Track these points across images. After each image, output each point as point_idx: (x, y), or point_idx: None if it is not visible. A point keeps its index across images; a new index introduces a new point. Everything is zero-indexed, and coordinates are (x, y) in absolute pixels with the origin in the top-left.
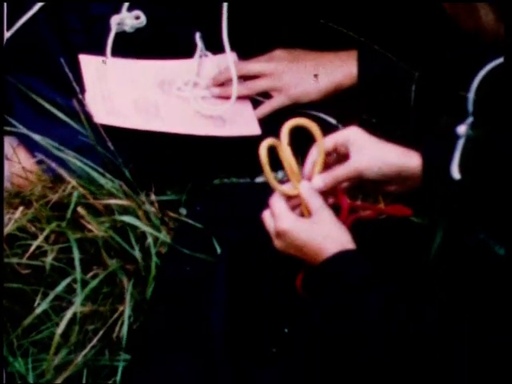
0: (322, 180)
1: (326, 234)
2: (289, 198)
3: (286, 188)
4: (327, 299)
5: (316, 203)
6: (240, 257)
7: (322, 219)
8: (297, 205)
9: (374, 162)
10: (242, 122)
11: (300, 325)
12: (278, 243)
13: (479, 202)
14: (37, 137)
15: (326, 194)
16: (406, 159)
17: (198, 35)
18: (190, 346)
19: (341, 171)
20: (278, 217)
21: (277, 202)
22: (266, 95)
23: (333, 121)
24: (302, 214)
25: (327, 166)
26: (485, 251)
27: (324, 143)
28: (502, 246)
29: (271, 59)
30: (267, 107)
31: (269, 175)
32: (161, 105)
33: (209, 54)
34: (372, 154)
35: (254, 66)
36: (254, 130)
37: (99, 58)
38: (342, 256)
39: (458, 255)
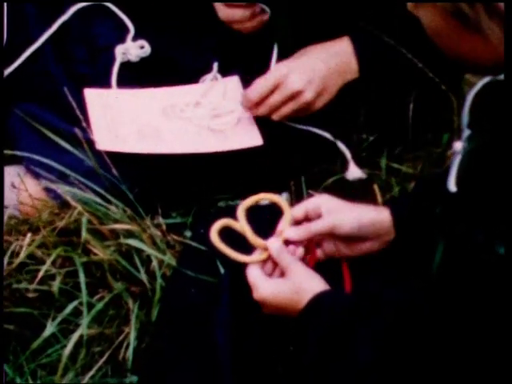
0: (294, 232)
1: (300, 289)
2: (264, 262)
3: (255, 256)
4: (311, 345)
5: (286, 259)
6: (243, 278)
7: (293, 274)
8: (275, 264)
9: (348, 218)
10: (244, 135)
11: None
12: (264, 310)
13: (476, 208)
14: (43, 164)
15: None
16: (377, 213)
17: (215, 64)
18: (196, 367)
19: (314, 225)
20: (253, 287)
21: (250, 272)
22: None
23: (330, 137)
24: (282, 273)
25: None
26: (485, 252)
27: (295, 211)
28: (502, 245)
29: (282, 79)
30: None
31: (233, 254)
32: (163, 129)
33: (219, 77)
34: (345, 212)
35: (262, 84)
36: (256, 141)
37: (104, 91)
38: (315, 302)
39: (460, 263)
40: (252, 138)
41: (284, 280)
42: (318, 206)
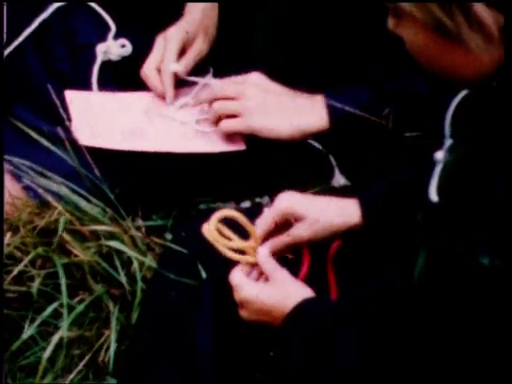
0: (269, 245)
1: (284, 295)
2: (252, 267)
3: (247, 257)
4: (295, 353)
5: (270, 266)
6: (225, 282)
7: (278, 281)
8: (261, 272)
9: (317, 230)
10: (227, 139)
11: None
12: (243, 313)
13: (459, 219)
14: (23, 163)
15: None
16: (347, 215)
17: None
18: (176, 371)
19: (284, 240)
20: (237, 287)
21: (235, 274)
22: None
23: (318, 146)
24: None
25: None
26: (469, 263)
27: (264, 224)
28: (486, 256)
29: (243, 81)
30: (227, 126)
31: (227, 252)
32: (147, 129)
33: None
34: (313, 223)
35: (229, 88)
36: (239, 146)
37: (85, 93)
38: (299, 308)
39: (442, 273)
40: (235, 142)
41: (269, 285)
42: (284, 213)
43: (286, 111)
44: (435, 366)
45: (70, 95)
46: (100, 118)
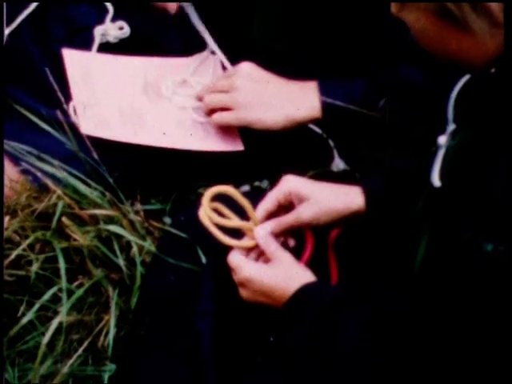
0: (269, 226)
1: (286, 276)
2: (250, 249)
3: (244, 242)
4: (297, 335)
5: (272, 247)
6: (225, 266)
7: (280, 262)
8: (260, 254)
9: (320, 212)
10: (226, 138)
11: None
12: (243, 293)
13: (462, 206)
14: (22, 147)
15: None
16: (350, 201)
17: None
18: (176, 355)
19: (286, 220)
20: (237, 268)
21: (233, 256)
22: None
23: (318, 130)
24: (266, 261)
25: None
26: (473, 250)
27: (267, 204)
28: (490, 242)
29: (234, 73)
30: (218, 119)
31: (223, 238)
32: (146, 114)
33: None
34: (316, 204)
35: (220, 80)
36: (237, 146)
37: (83, 53)
38: (302, 292)
39: (444, 260)
40: (233, 142)
41: (270, 266)
42: (288, 194)
43: (277, 102)
44: (436, 357)
45: (68, 54)
46: (99, 85)
